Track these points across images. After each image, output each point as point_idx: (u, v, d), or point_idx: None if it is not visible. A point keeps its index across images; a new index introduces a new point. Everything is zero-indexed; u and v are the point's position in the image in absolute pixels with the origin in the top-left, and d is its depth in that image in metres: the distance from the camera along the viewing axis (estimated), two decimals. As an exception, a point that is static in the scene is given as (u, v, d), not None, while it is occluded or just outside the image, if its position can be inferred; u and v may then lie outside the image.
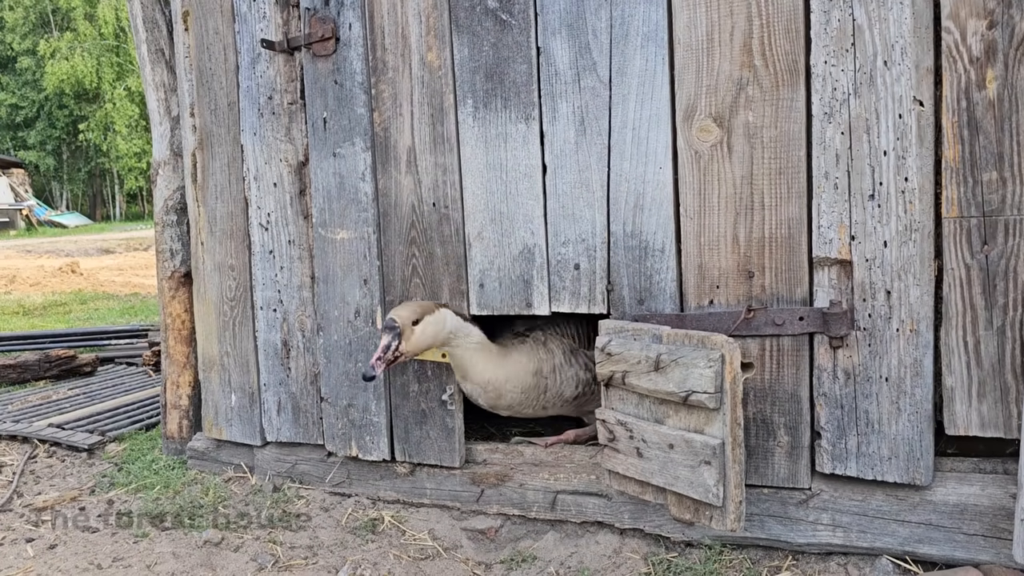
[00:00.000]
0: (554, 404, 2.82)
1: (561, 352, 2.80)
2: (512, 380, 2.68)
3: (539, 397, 2.75)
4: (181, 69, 3.24)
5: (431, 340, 2.48)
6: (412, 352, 2.45)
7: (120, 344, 6.49)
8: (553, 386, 2.77)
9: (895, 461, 2.19)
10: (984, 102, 2.04)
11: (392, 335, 2.39)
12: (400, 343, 2.39)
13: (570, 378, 2.79)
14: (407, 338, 2.40)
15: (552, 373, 2.76)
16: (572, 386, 2.80)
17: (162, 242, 3.47)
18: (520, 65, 2.52)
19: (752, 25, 2.21)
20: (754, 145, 2.24)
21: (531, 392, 2.73)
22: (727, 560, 2.39)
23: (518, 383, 2.70)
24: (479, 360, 2.63)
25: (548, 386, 2.75)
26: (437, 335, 2.49)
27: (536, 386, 2.73)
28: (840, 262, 2.19)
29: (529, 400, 2.74)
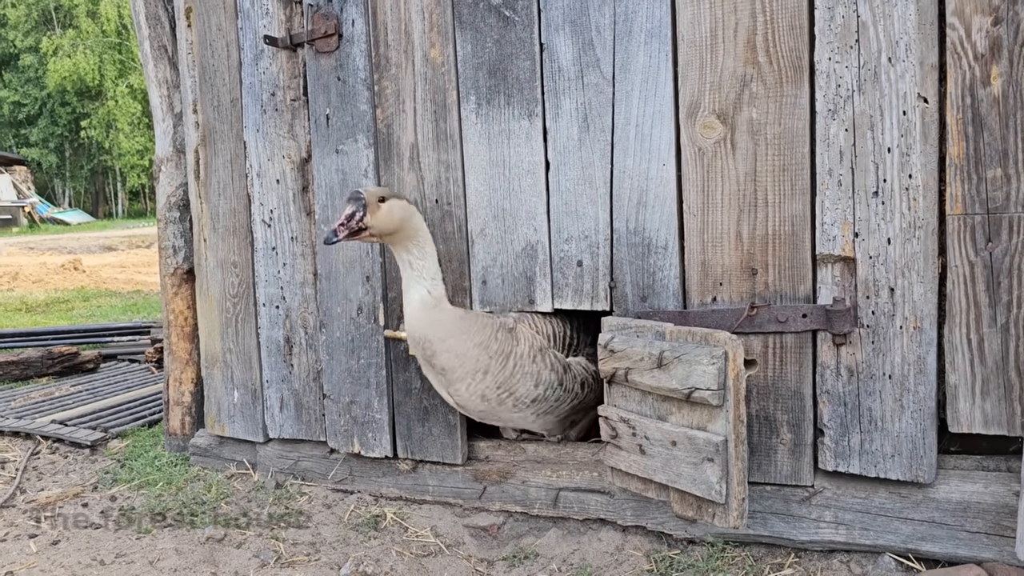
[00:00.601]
0: (499, 399, 2.46)
1: (527, 344, 2.47)
2: (450, 342, 2.40)
3: (480, 379, 2.42)
4: (184, 65, 3.24)
5: (397, 224, 2.32)
6: (377, 229, 2.28)
7: (123, 341, 6.51)
8: (499, 373, 2.42)
9: (898, 459, 2.19)
10: (989, 99, 2.03)
11: (357, 205, 2.25)
12: (365, 215, 2.24)
13: (527, 374, 2.45)
14: (372, 212, 2.25)
15: (502, 357, 2.42)
16: (529, 383, 2.45)
17: (165, 239, 3.47)
18: (523, 61, 2.51)
19: (756, 21, 2.20)
20: (758, 142, 2.24)
21: (470, 366, 2.41)
22: (730, 557, 2.39)
23: (456, 349, 2.40)
24: (419, 303, 2.41)
25: (490, 369, 2.41)
26: (404, 223, 2.34)
27: (477, 363, 2.41)
28: (843, 259, 2.19)
29: (467, 377, 2.42)
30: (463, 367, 2.41)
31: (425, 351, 2.44)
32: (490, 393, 2.44)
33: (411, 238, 2.38)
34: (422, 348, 2.44)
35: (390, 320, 2.82)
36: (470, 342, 2.41)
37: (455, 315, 2.44)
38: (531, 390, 2.47)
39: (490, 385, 2.43)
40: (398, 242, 2.39)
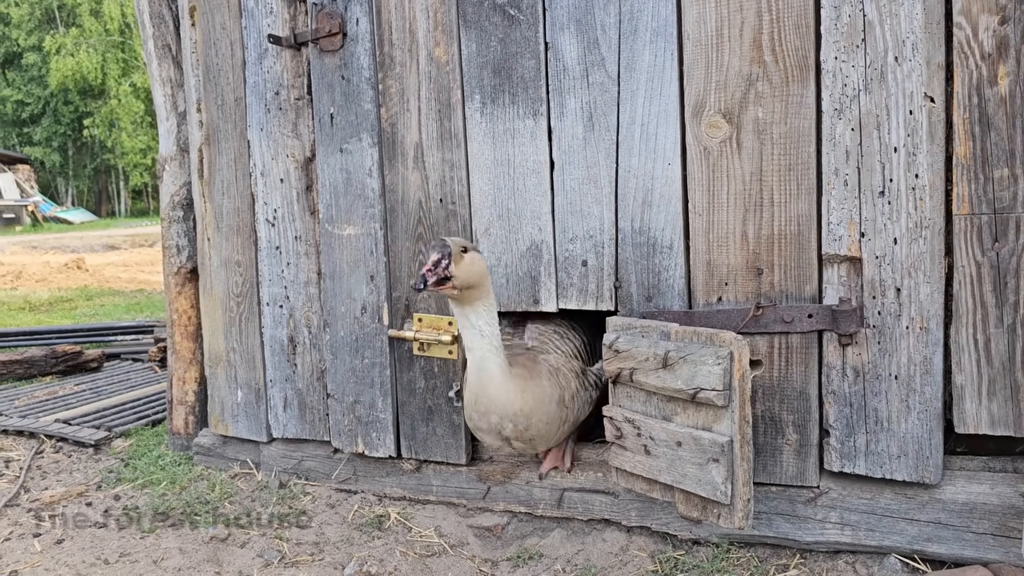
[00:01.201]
0: (560, 431, 2.47)
1: (574, 375, 2.50)
2: (541, 410, 2.33)
3: (558, 429, 2.42)
4: (188, 65, 3.24)
5: (477, 278, 2.17)
6: (460, 280, 2.11)
7: (126, 340, 6.51)
8: (571, 415, 2.46)
9: (904, 459, 2.18)
10: (996, 98, 2.02)
11: (444, 251, 2.08)
12: (451, 264, 2.08)
13: (585, 402, 2.53)
14: (456, 262, 2.10)
15: (571, 401, 2.46)
16: (586, 411, 2.55)
17: (168, 238, 3.47)
18: (528, 60, 2.51)
19: (762, 20, 2.20)
20: (763, 141, 2.23)
21: (554, 424, 2.39)
22: (735, 558, 2.38)
23: (548, 415, 2.35)
24: (502, 376, 2.26)
25: (568, 417, 2.44)
26: (481, 279, 2.19)
27: (558, 417, 2.39)
28: (850, 259, 2.18)
29: (551, 433, 2.39)
30: (549, 427, 2.37)
31: (516, 427, 2.30)
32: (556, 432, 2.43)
33: (484, 298, 2.23)
34: (510, 424, 2.29)
35: (394, 320, 2.82)
36: (552, 403, 2.37)
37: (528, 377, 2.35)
38: (585, 414, 2.56)
39: (566, 429, 2.47)
40: (472, 300, 2.21)
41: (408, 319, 2.79)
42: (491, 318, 2.25)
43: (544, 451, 2.70)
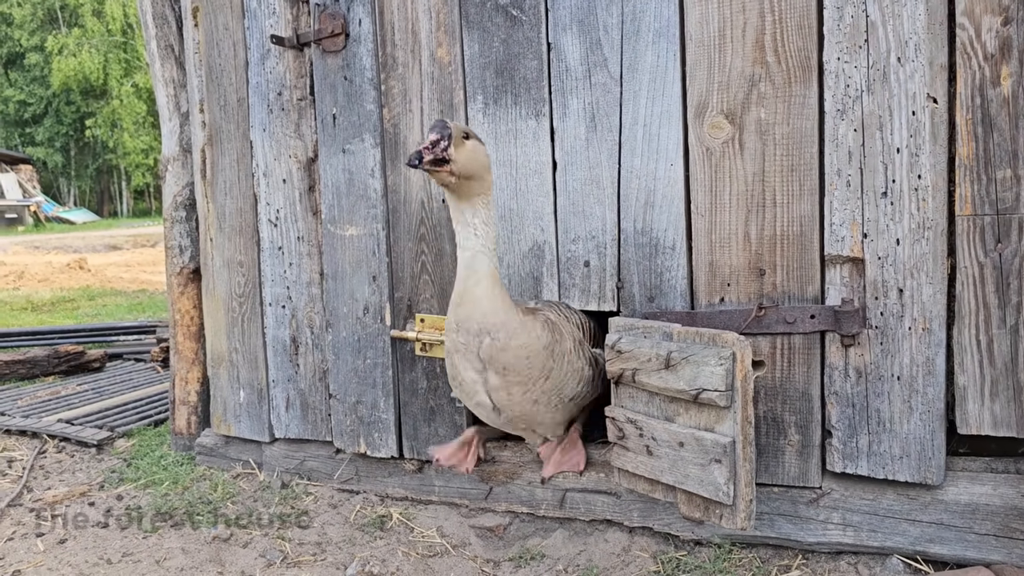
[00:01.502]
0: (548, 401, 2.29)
1: (571, 338, 2.33)
2: (522, 338, 2.15)
3: (539, 384, 2.23)
4: (191, 65, 3.24)
5: (478, 168, 2.04)
6: (459, 167, 1.98)
7: (128, 340, 6.52)
8: (557, 375, 2.26)
9: (906, 460, 2.18)
10: (999, 99, 2.02)
11: (443, 132, 1.94)
12: (450, 146, 1.95)
13: (576, 371, 2.32)
14: (457, 146, 1.97)
15: (560, 357, 2.26)
16: (575, 383, 2.33)
17: (171, 238, 3.48)
18: (530, 61, 2.51)
19: (764, 21, 2.20)
20: (766, 142, 2.23)
21: (536, 370, 2.20)
22: (737, 559, 2.38)
23: (529, 347, 2.17)
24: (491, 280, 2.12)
25: (553, 374, 2.25)
26: (481, 170, 2.05)
27: (543, 367, 2.22)
28: (852, 260, 2.18)
29: (528, 382, 2.21)
30: (530, 370, 2.19)
31: (493, 343, 2.12)
32: (542, 397, 2.25)
33: (483, 194, 2.09)
34: (488, 337, 2.12)
35: (396, 320, 2.82)
36: (539, 343, 2.19)
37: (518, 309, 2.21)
38: (574, 387, 2.33)
39: (547, 389, 2.25)
40: (471, 195, 2.07)
41: (410, 320, 2.79)
42: (488, 217, 2.12)
43: (542, 444, 2.63)
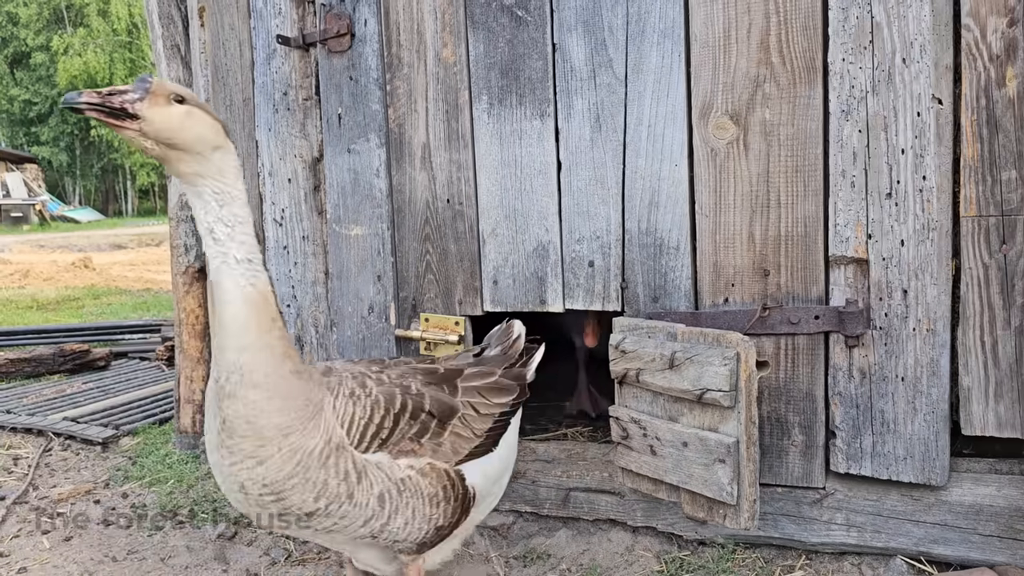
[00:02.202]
0: (260, 502, 1.68)
1: (323, 440, 1.69)
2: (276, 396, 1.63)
3: (250, 467, 1.63)
4: (196, 65, 3.25)
5: (189, 140, 1.55)
6: (153, 128, 1.52)
7: (133, 339, 6.54)
8: (276, 470, 1.64)
9: (910, 461, 2.18)
10: (1004, 100, 2.02)
11: (140, 87, 1.52)
12: (142, 102, 1.50)
13: (309, 481, 1.67)
14: (155, 105, 1.51)
15: (290, 452, 1.64)
16: (308, 494, 1.68)
17: (176, 237, 3.49)
18: (535, 62, 2.52)
19: (769, 22, 2.20)
20: (771, 143, 2.23)
21: (252, 443, 1.62)
22: (740, 559, 2.39)
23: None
24: (243, 312, 1.60)
25: (270, 460, 1.63)
26: (199, 143, 1.57)
27: (263, 445, 1.62)
28: (856, 261, 2.18)
29: (240, 454, 1.62)
30: (252, 438, 1.62)
31: (229, 382, 1.61)
32: (252, 489, 1.66)
33: (212, 179, 1.60)
34: (232, 374, 1.60)
35: (401, 319, 2.82)
36: (302, 422, 1.67)
37: (287, 355, 1.67)
38: (309, 503, 1.70)
39: (257, 480, 1.64)
40: (191, 177, 1.60)
41: (415, 319, 2.80)
42: (234, 216, 1.63)
43: None
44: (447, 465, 1.90)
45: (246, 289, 1.62)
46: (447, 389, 1.98)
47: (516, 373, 2.18)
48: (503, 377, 2.12)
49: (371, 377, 1.89)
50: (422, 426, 1.86)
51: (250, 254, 1.65)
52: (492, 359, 2.23)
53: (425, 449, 1.87)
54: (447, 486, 1.88)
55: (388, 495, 1.77)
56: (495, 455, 2.06)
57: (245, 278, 1.62)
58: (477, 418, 2.00)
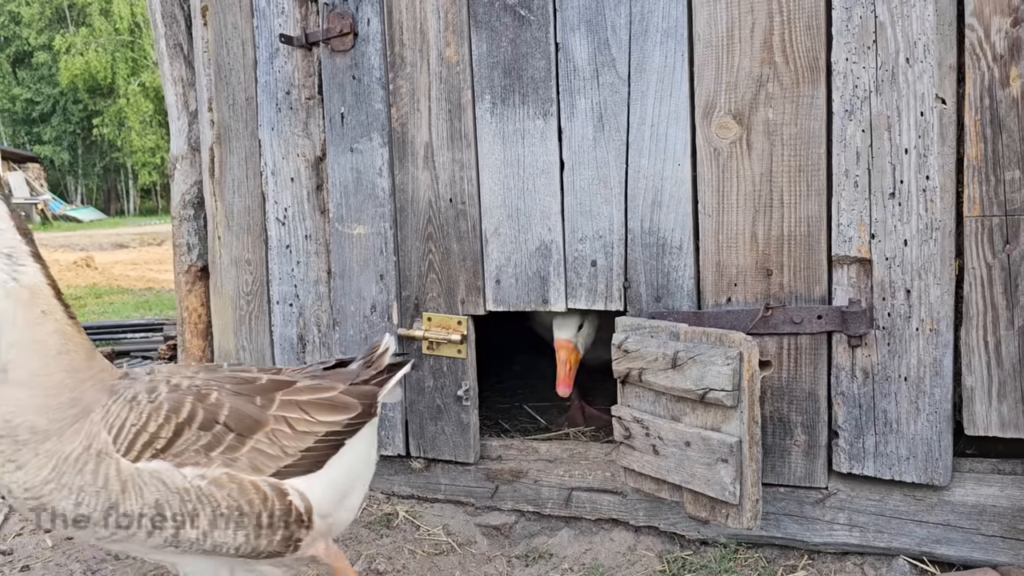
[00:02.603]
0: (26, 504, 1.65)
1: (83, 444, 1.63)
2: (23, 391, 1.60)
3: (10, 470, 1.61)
4: (199, 64, 3.26)
5: None
6: None
7: (136, 338, 6.54)
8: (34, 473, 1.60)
9: (913, 461, 2.18)
10: (1008, 100, 2.02)
11: None
12: None
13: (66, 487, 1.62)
14: None
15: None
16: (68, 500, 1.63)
17: (179, 236, 3.49)
18: (538, 61, 2.52)
19: (773, 21, 2.20)
20: (774, 142, 2.23)
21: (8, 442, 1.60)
22: (742, 559, 2.38)
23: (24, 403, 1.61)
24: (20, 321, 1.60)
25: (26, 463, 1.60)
26: None
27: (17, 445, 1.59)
28: (859, 260, 2.18)
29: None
30: (7, 439, 1.60)
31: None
32: (17, 492, 1.63)
33: None
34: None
35: (404, 319, 2.83)
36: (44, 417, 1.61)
37: (63, 352, 1.64)
38: (70, 509, 1.64)
39: (19, 483, 1.62)
40: None
41: (417, 318, 2.80)
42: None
43: None
44: (255, 477, 1.76)
45: (7, 284, 1.60)
46: (260, 402, 1.82)
47: (364, 391, 1.97)
48: (345, 394, 1.93)
49: (170, 383, 1.79)
50: (214, 438, 1.73)
51: (7, 248, 1.62)
52: (341, 374, 2.02)
53: (213, 462, 1.73)
54: (254, 499, 1.74)
55: (168, 505, 1.67)
56: (331, 475, 1.89)
57: (6, 272, 1.61)
58: (291, 435, 1.82)
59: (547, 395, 3.75)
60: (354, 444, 1.96)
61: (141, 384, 1.77)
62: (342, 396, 1.93)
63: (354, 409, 1.93)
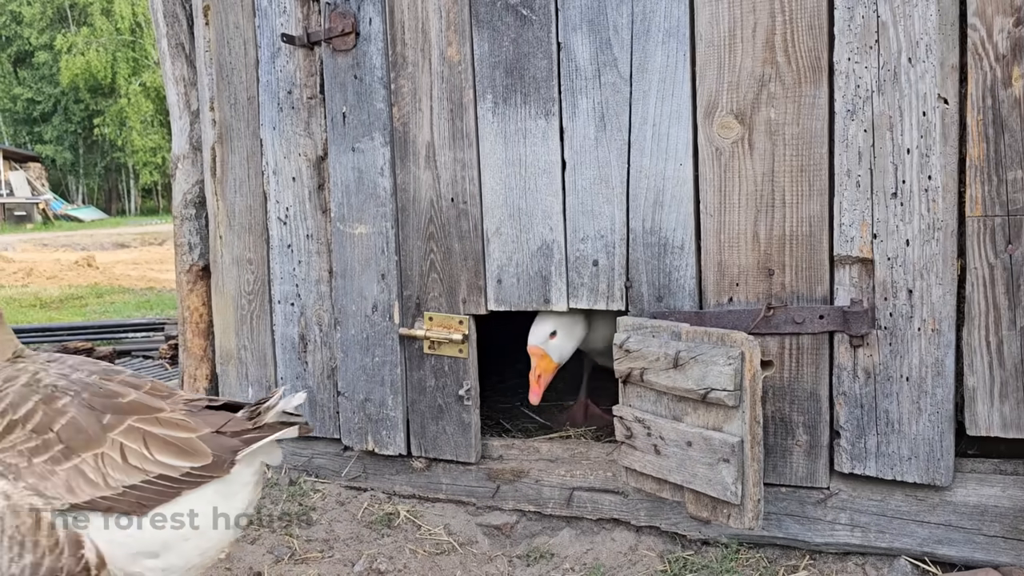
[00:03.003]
0: None
1: None
2: None
3: None
4: (201, 63, 3.26)
5: None
6: None
7: (137, 337, 6.55)
8: None
9: (915, 461, 2.18)
10: (1010, 100, 2.02)
11: None
12: None
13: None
14: None
15: None
16: None
17: (180, 236, 3.49)
18: (540, 60, 2.51)
19: (775, 21, 2.20)
20: (775, 142, 2.23)
21: None
22: (744, 559, 2.38)
23: None
24: None
25: None
26: None
27: None
28: (861, 260, 2.18)
29: None
30: None
31: None
32: None
33: None
34: None
35: (405, 318, 2.83)
36: None
37: None
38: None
39: None
40: None
41: (419, 318, 2.80)
42: None
43: None
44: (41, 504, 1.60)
45: None
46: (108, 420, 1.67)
47: (226, 443, 1.70)
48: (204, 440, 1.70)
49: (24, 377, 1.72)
50: (43, 444, 1.63)
51: None
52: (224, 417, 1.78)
53: (32, 470, 1.61)
54: (40, 540, 1.58)
55: None
56: (153, 527, 1.68)
57: None
58: (120, 466, 1.64)
59: (547, 395, 3.75)
60: (195, 500, 1.71)
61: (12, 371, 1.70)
62: (197, 441, 1.69)
63: (203, 458, 1.68)
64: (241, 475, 1.75)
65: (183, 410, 1.77)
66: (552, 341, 2.69)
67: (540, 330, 2.70)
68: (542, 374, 2.70)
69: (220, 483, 1.72)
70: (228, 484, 1.74)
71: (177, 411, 1.75)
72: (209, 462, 1.68)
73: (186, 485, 1.67)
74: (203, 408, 1.81)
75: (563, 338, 2.71)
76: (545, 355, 2.69)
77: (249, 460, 1.75)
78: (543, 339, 2.69)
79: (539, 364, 2.69)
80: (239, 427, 1.74)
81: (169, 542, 1.70)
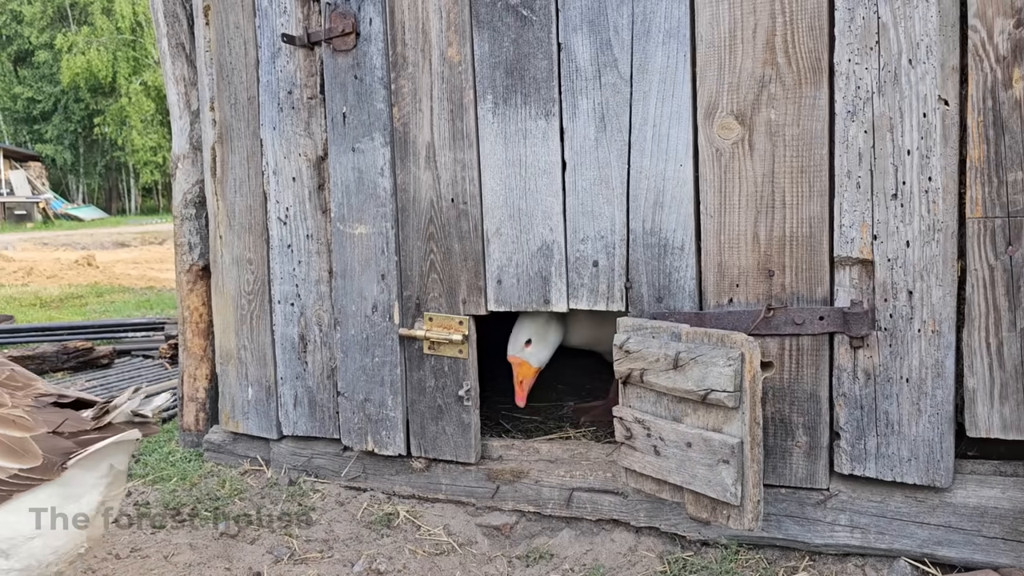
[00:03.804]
0: None
1: None
2: None
3: None
4: (201, 63, 3.26)
5: None
6: None
7: (137, 337, 6.54)
8: None
9: (915, 463, 2.18)
10: (1010, 101, 2.02)
11: None
12: None
13: None
14: None
15: None
16: None
17: (180, 235, 3.49)
18: (540, 61, 2.51)
19: (775, 22, 2.20)
20: (776, 143, 2.23)
21: None
22: (743, 560, 2.38)
23: None
24: None
25: None
26: None
27: None
28: (861, 262, 2.18)
29: None
30: None
31: None
32: None
33: None
34: None
35: (405, 319, 2.83)
36: None
37: None
38: None
39: None
40: None
41: (419, 318, 2.80)
42: None
43: None
44: None
45: None
46: None
47: (59, 445, 1.63)
48: (37, 440, 1.62)
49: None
50: None
51: None
52: (57, 415, 1.69)
53: None
54: None
55: None
56: None
57: None
58: None
59: (547, 395, 3.76)
60: (32, 502, 1.63)
61: None
62: (29, 441, 1.61)
63: (32, 460, 1.59)
64: (80, 477, 1.66)
65: (28, 406, 1.68)
66: (528, 349, 2.89)
67: (516, 340, 2.89)
68: (523, 379, 2.91)
69: (57, 485, 1.63)
70: (67, 486, 1.66)
71: (21, 407, 1.67)
72: (39, 464, 1.60)
73: (16, 488, 1.60)
74: (48, 405, 1.72)
75: (537, 346, 2.90)
76: (524, 362, 2.90)
77: (91, 462, 1.65)
78: (519, 348, 2.88)
79: (519, 371, 2.91)
80: (78, 427, 1.66)
81: (15, 541, 1.64)
